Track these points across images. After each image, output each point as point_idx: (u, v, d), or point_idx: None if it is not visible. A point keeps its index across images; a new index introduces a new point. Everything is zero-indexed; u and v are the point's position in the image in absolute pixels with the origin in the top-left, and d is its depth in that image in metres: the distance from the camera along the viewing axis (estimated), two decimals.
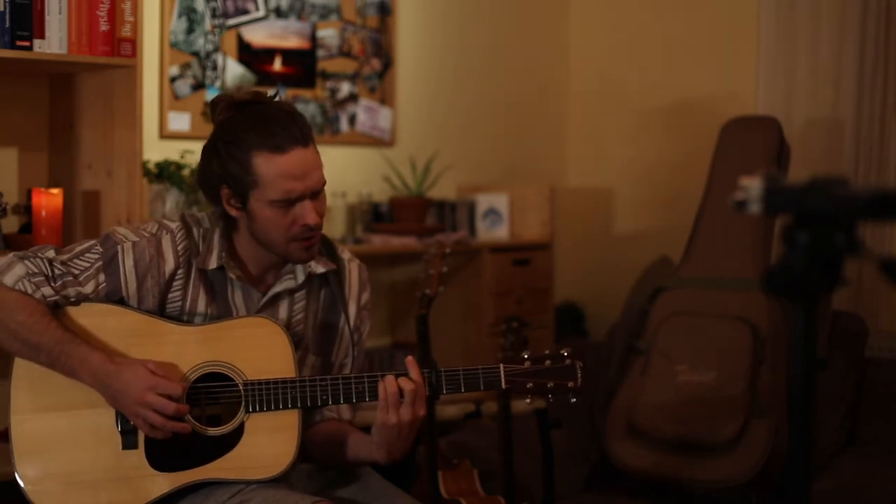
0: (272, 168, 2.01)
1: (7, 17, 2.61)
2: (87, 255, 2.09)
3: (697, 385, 3.10)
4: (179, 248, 2.11)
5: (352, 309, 2.24)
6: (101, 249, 2.09)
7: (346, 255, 2.27)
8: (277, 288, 2.15)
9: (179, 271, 2.10)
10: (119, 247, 2.09)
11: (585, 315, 4.65)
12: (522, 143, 4.71)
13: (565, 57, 4.86)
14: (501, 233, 4.25)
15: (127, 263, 2.08)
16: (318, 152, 2.09)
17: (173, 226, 2.13)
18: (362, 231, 3.92)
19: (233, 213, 2.09)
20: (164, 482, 2.04)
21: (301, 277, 2.16)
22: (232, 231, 2.15)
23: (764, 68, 4.13)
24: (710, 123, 3.68)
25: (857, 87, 3.91)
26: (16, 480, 2.05)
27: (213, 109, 2.11)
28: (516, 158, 4.67)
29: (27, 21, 2.64)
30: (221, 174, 2.05)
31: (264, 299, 2.14)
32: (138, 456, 2.05)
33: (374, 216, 3.99)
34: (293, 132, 2.03)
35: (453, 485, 2.97)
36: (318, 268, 2.16)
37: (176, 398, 2.00)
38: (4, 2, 2.60)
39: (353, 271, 2.26)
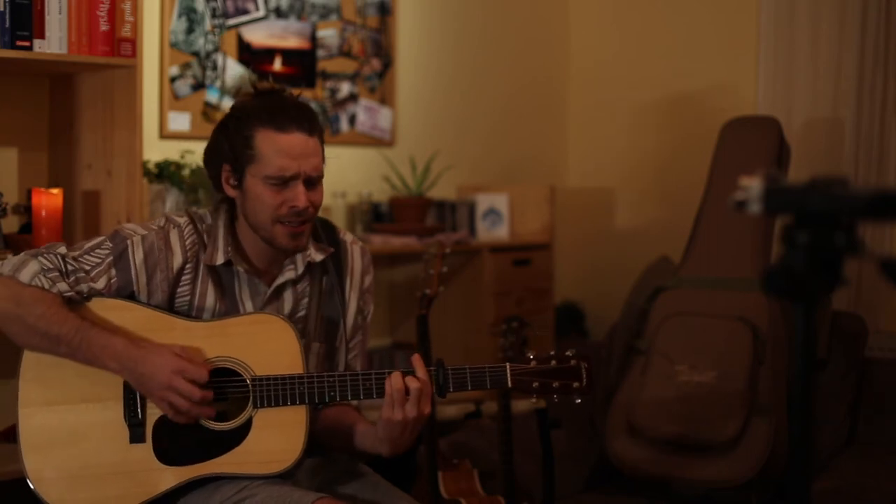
0: (271, 144, 2.07)
1: (7, 17, 2.61)
2: (97, 250, 2.10)
3: (697, 385, 3.09)
4: (187, 242, 2.14)
5: (355, 293, 2.27)
6: (110, 245, 2.11)
7: (348, 237, 2.31)
8: (280, 280, 2.18)
9: (188, 266, 2.13)
10: (129, 241, 2.11)
11: (585, 315, 4.65)
12: (522, 142, 4.71)
13: (565, 56, 4.86)
14: (501, 233, 4.24)
15: (137, 257, 2.10)
16: (322, 146, 2.15)
17: (181, 220, 2.16)
18: (362, 231, 3.92)
19: (230, 192, 2.13)
20: (171, 476, 2.05)
21: (301, 267, 2.18)
22: (235, 223, 2.18)
23: (764, 68, 4.13)
24: (711, 123, 3.68)
25: (857, 87, 3.91)
26: (23, 476, 2.06)
27: (235, 95, 2.20)
28: (516, 158, 4.67)
29: (27, 21, 2.64)
30: (226, 150, 2.11)
31: (270, 290, 2.17)
32: (146, 450, 2.06)
33: (374, 216, 3.99)
34: (299, 119, 2.10)
35: (453, 485, 2.97)
36: (317, 255, 2.20)
37: (202, 383, 2.01)
38: (4, 2, 2.60)
39: (356, 254, 2.29)
